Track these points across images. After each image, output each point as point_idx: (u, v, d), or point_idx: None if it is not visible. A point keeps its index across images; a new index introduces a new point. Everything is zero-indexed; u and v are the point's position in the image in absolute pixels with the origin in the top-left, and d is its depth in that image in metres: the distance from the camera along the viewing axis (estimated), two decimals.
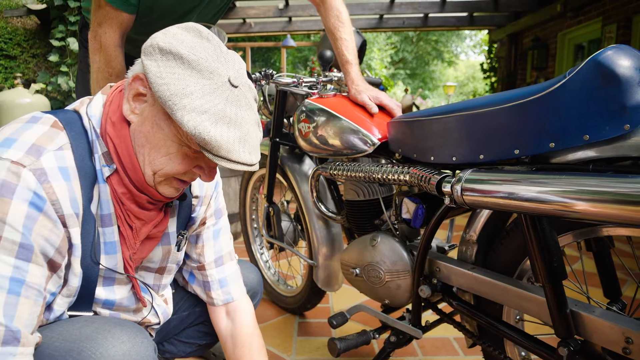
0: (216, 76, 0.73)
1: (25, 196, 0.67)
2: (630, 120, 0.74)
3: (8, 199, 0.66)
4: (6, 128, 0.73)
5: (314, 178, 1.50)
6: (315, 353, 1.68)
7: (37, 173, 0.69)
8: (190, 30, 0.76)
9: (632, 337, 0.79)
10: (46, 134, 0.74)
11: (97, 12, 1.25)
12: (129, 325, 0.77)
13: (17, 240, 0.66)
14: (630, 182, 0.67)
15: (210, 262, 1.05)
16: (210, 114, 0.71)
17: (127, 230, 0.84)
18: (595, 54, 0.77)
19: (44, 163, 0.70)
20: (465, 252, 1.14)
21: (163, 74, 0.71)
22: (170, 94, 0.70)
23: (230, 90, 0.75)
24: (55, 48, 4.81)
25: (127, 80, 0.78)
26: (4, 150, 0.68)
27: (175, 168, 0.78)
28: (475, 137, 0.95)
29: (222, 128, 0.72)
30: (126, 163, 0.78)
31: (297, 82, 1.59)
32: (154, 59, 0.72)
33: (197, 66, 0.72)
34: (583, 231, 0.94)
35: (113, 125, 0.78)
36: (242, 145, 0.75)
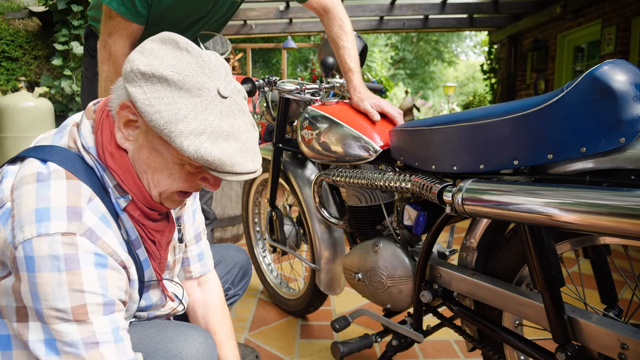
0: (205, 92, 0.72)
1: (90, 260, 0.69)
2: (626, 134, 0.76)
3: (77, 270, 0.68)
4: (23, 197, 0.69)
5: (317, 184, 1.53)
6: (318, 355, 1.71)
7: (88, 235, 0.70)
8: (167, 43, 0.74)
9: (628, 343, 0.82)
10: (70, 191, 0.72)
11: (108, 22, 1.27)
12: (199, 329, 0.85)
13: (100, 301, 0.70)
14: (626, 196, 0.69)
15: (190, 239, 1.08)
16: (208, 134, 0.71)
17: (151, 245, 0.87)
18: (592, 68, 0.79)
19: (88, 222, 0.71)
20: (466, 258, 1.17)
21: (152, 101, 0.69)
22: (165, 122, 0.69)
23: (222, 103, 0.74)
24: (59, 52, 4.84)
25: (114, 108, 0.77)
26: (46, 224, 0.67)
27: (181, 186, 0.79)
28: (476, 148, 0.97)
29: (222, 145, 0.72)
30: (134, 190, 0.79)
31: (300, 89, 1.61)
32: (138, 85, 0.70)
33: (184, 85, 0.70)
34: (580, 239, 0.96)
35: (112, 156, 0.77)
36: (244, 156, 0.75)
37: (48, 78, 4.94)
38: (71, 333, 0.68)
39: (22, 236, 0.66)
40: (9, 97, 4.25)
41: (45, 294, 0.66)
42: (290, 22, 7.21)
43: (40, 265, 0.66)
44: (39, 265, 0.66)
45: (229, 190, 3.23)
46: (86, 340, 0.68)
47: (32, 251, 0.66)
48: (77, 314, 0.67)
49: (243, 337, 1.86)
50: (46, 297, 0.66)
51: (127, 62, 0.73)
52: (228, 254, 1.28)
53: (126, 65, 0.72)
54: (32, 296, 0.67)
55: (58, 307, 0.66)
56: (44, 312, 0.67)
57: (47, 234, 0.66)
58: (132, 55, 0.73)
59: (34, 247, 0.66)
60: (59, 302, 0.66)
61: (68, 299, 0.67)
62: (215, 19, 1.53)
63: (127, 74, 0.71)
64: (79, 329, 0.68)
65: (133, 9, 1.26)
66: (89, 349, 0.69)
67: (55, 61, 4.77)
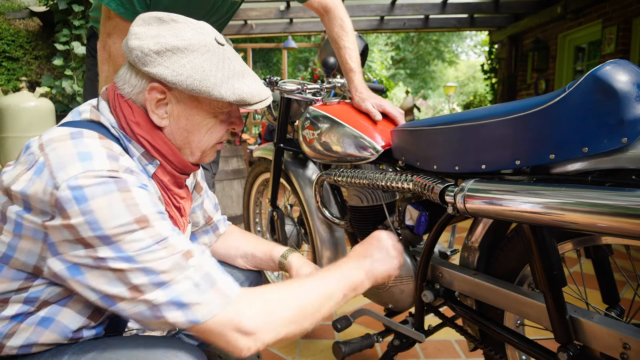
0: (209, 46, 0.82)
1: (136, 184, 0.74)
2: (628, 134, 0.76)
3: (127, 189, 0.72)
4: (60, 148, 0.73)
5: (318, 184, 1.53)
6: (319, 356, 1.71)
7: (128, 171, 0.75)
8: (153, 22, 0.82)
9: (630, 343, 0.82)
10: (104, 144, 0.76)
11: (107, 23, 1.28)
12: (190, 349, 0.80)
13: (154, 210, 0.75)
14: (628, 196, 0.69)
15: (212, 211, 1.20)
16: (232, 77, 0.83)
17: (175, 212, 0.93)
18: (594, 69, 0.79)
19: (125, 164, 0.76)
20: (468, 258, 1.17)
21: (179, 71, 0.78)
22: (199, 83, 0.79)
23: (224, 50, 0.85)
24: (60, 52, 4.84)
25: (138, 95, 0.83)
26: (90, 162, 0.71)
27: (218, 135, 0.91)
28: (478, 148, 0.97)
29: (244, 82, 0.84)
30: (168, 154, 0.86)
31: (301, 89, 1.61)
32: (157, 63, 0.78)
33: (192, 47, 0.80)
34: (582, 239, 0.96)
35: (139, 125, 0.83)
36: (260, 84, 0.89)
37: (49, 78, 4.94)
38: (142, 239, 0.71)
39: (66, 174, 0.69)
40: (10, 97, 4.26)
41: (104, 217, 0.69)
42: (291, 22, 7.21)
43: (92, 193, 0.69)
44: (90, 194, 0.69)
45: (230, 190, 3.23)
46: (156, 239, 0.73)
47: (79, 185, 0.68)
48: (140, 222, 0.71)
49: None
50: (106, 220, 0.69)
51: (131, 50, 0.79)
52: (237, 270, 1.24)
53: (131, 53, 0.79)
54: (91, 225, 0.68)
55: (121, 222, 0.70)
56: (107, 233, 0.69)
57: (92, 170, 0.70)
58: (132, 43, 0.79)
59: (80, 182, 0.69)
60: (120, 218, 0.70)
61: (128, 213, 0.70)
62: (214, 20, 1.53)
63: (139, 58, 0.78)
64: (146, 234, 0.72)
65: (132, 9, 1.26)
66: (161, 245, 0.73)
67: (56, 61, 4.77)
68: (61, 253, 0.71)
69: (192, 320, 0.73)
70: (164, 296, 0.72)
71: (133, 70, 0.83)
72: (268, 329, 0.78)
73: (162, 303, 0.72)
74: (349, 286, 0.94)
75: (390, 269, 1.03)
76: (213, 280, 0.76)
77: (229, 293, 0.77)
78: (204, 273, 0.76)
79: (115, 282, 0.71)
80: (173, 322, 0.73)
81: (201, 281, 0.74)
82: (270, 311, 0.79)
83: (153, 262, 0.71)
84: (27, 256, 0.73)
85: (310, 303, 0.85)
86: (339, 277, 0.94)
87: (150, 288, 0.71)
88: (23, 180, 0.71)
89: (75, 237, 0.69)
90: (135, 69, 0.82)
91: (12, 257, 0.74)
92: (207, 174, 1.82)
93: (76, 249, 0.70)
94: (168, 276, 0.72)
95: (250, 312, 0.77)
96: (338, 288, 0.92)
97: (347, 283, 0.94)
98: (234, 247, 1.22)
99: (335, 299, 0.91)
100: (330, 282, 0.92)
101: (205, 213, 1.19)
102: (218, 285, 0.76)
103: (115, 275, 0.71)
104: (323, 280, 0.92)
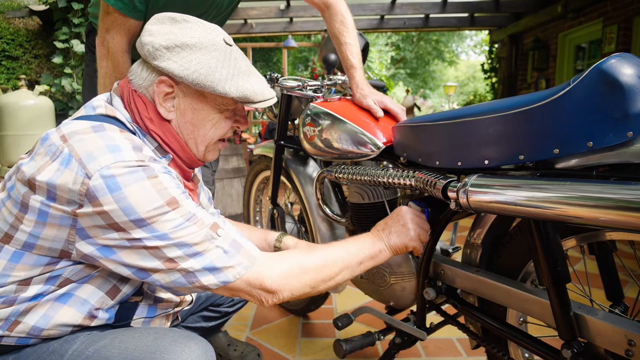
0: (218, 45, 0.87)
1: (162, 170, 0.80)
2: (633, 128, 0.75)
3: (155, 174, 0.77)
4: (86, 140, 0.76)
5: (319, 181, 1.52)
6: (320, 354, 1.70)
7: (152, 160, 0.80)
8: (165, 21, 0.86)
9: (635, 340, 0.81)
10: (127, 137, 0.81)
11: (105, 18, 1.27)
12: (199, 339, 0.85)
13: (180, 192, 0.80)
14: (633, 189, 0.68)
15: (206, 204, 1.21)
16: (237, 75, 0.87)
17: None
18: (599, 62, 0.78)
19: (148, 153, 0.81)
20: (470, 255, 1.16)
21: (186, 65, 0.83)
22: (205, 77, 0.83)
23: (232, 50, 0.90)
24: (59, 50, 4.83)
25: (147, 89, 0.88)
26: (120, 154, 0.76)
27: (223, 131, 0.94)
28: (481, 143, 0.96)
29: (249, 80, 0.89)
30: (177, 149, 0.91)
31: (302, 86, 1.60)
32: (166, 58, 0.83)
33: (201, 45, 0.84)
34: (586, 235, 0.95)
35: (152, 121, 0.88)
36: (264, 85, 0.93)
37: (48, 76, 4.93)
38: (174, 219, 0.77)
39: (98, 164, 0.73)
40: (10, 95, 4.25)
41: (138, 202, 0.74)
42: (291, 21, 7.20)
43: (124, 181, 0.74)
44: (122, 182, 0.73)
45: (230, 189, 3.22)
46: (186, 217, 0.79)
47: (112, 174, 0.73)
48: (171, 204, 0.77)
49: (245, 336, 1.86)
50: (141, 204, 0.74)
51: (143, 45, 0.84)
52: None
53: (143, 49, 0.84)
54: (126, 211, 0.73)
55: (155, 206, 0.75)
56: (143, 216, 0.75)
57: (123, 160, 0.75)
58: (145, 39, 0.84)
59: (112, 172, 0.73)
60: (153, 202, 0.75)
61: (159, 197, 0.76)
62: (214, 16, 1.52)
63: (150, 53, 0.83)
64: (178, 213, 0.78)
65: (130, 5, 1.25)
66: (192, 221, 0.79)
67: (56, 59, 4.76)
68: (92, 237, 0.76)
69: (223, 281, 0.82)
70: (198, 264, 0.79)
71: (144, 64, 0.88)
72: (287, 288, 0.87)
73: (197, 270, 0.79)
74: (367, 254, 1.00)
75: (407, 240, 1.05)
76: (239, 245, 0.84)
77: (255, 254, 0.85)
78: (231, 240, 0.84)
79: (149, 257, 0.77)
80: (207, 285, 0.81)
81: (229, 248, 0.82)
82: (291, 273, 0.87)
83: (186, 236, 0.78)
84: (52, 242, 0.77)
85: (328, 268, 0.92)
86: (357, 246, 1.00)
87: (184, 259, 0.78)
88: (49, 170, 0.74)
89: (108, 223, 0.74)
90: (146, 63, 0.88)
91: (35, 244, 0.78)
92: (207, 171, 1.81)
93: (109, 233, 0.75)
94: (201, 247, 0.79)
95: (272, 273, 0.85)
96: (356, 256, 0.98)
97: (365, 252, 1.00)
98: None
99: (353, 267, 0.97)
100: (349, 250, 0.98)
101: (200, 205, 1.19)
102: (244, 248, 0.84)
103: (150, 252, 0.77)
104: (342, 248, 0.98)
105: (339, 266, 0.94)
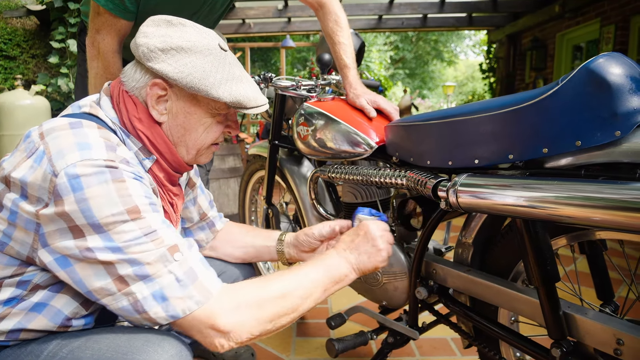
0: (212, 50, 0.86)
1: (131, 175, 0.77)
2: (621, 127, 0.75)
3: (122, 179, 0.74)
4: (60, 137, 0.75)
5: (313, 180, 1.52)
6: (314, 353, 1.70)
7: (125, 162, 0.78)
8: (161, 24, 0.85)
9: (623, 339, 0.81)
10: (103, 135, 0.79)
11: (96, 19, 1.26)
12: (173, 339, 0.80)
13: (147, 202, 0.77)
14: (621, 188, 0.69)
15: (207, 208, 1.21)
16: (231, 80, 0.86)
17: (169, 207, 0.95)
18: (588, 61, 0.78)
19: (122, 154, 0.78)
20: (462, 254, 1.16)
21: (180, 68, 0.82)
22: (198, 80, 0.82)
23: (226, 55, 0.89)
24: (55, 50, 4.82)
25: (140, 91, 0.86)
26: (89, 152, 0.73)
27: (214, 136, 0.93)
28: (471, 142, 0.96)
29: (243, 86, 0.88)
30: (164, 151, 0.89)
31: (295, 86, 1.60)
32: (161, 60, 0.82)
33: (196, 49, 0.84)
34: (576, 234, 0.95)
35: (140, 121, 0.86)
36: (257, 91, 0.92)
37: (45, 76, 4.92)
38: (132, 230, 0.73)
39: (65, 162, 0.71)
40: (6, 95, 4.24)
41: (98, 205, 0.71)
42: (289, 21, 7.20)
43: (87, 182, 0.71)
44: (86, 182, 0.71)
45: (227, 189, 3.22)
46: (145, 230, 0.75)
47: (76, 174, 0.71)
48: (131, 213, 0.74)
49: None
50: (100, 208, 0.71)
51: (138, 46, 0.83)
52: (232, 266, 1.24)
53: (138, 50, 0.83)
54: (85, 213, 0.71)
55: (113, 212, 0.72)
56: (101, 221, 0.71)
57: (90, 158, 0.73)
58: (140, 40, 0.83)
59: (78, 170, 0.71)
60: (113, 207, 0.72)
61: (120, 203, 0.73)
62: (206, 15, 1.52)
63: (145, 54, 0.82)
64: (137, 225, 0.74)
65: (121, 5, 1.25)
66: (150, 237, 0.75)
67: (52, 59, 4.76)
68: (50, 244, 0.73)
69: (172, 315, 0.75)
70: (147, 289, 0.73)
71: (138, 66, 0.87)
72: (243, 329, 0.78)
73: (145, 297, 0.73)
74: (332, 280, 0.93)
75: (377, 262, 0.99)
76: (195, 276, 0.77)
77: (210, 289, 0.78)
78: (187, 268, 0.77)
79: (102, 273, 0.73)
80: (154, 317, 0.75)
81: (183, 276, 0.76)
82: (247, 312, 0.79)
83: (140, 253, 0.73)
84: (20, 246, 0.75)
85: (290, 301, 0.84)
86: (322, 273, 0.92)
87: (134, 280, 0.73)
88: (23, 167, 0.73)
89: (68, 225, 0.71)
90: (140, 65, 0.86)
91: (7, 244, 0.76)
92: (201, 170, 1.81)
93: (66, 239, 0.72)
94: (152, 268, 0.74)
95: (227, 312, 0.77)
96: (320, 284, 0.90)
97: (330, 277, 0.93)
98: (232, 241, 1.23)
99: (316, 295, 0.89)
100: (313, 278, 0.90)
101: (199, 209, 1.19)
102: (199, 280, 0.77)
103: (103, 267, 0.73)
104: (305, 277, 0.89)
105: (300, 295, 0.86)
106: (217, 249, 1.23)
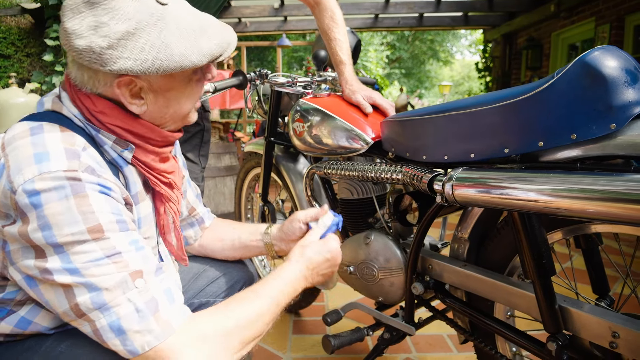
0: (157, 14, 0.73)
1: (94, 188, 0.70)
2: (617, 120, 0.75)
3: (84, 193, 0.68)
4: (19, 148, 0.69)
5: (309, 177, 1.52)
6: (310, 350, 1.70)
7: (89, 171, 0.70)
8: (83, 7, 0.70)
9: (619, 332, 0.81)
10: (65, 139, 0.71)
11: None
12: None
13: (113, 219, 0.70)
14: (616, 180, 0.69)
15: (195, 201, 1.17)
16: (193, 39, 0.76)
17: (166, 189, 0.89)
18: (583, 54, 0.78)
19: (87, 161, 0.71)
20: (458, 249, 1.16)
21: (141, 57, 0.71)
22: (167, 61, 0.73)
23: (171, 9, 0.76)
24: (50, 47, 4.79)
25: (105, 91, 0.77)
26: (47, 164, 0.67)
27: (197, 95, 0.87)
28: (466, 137, 0.96)
29: (208, 37, 0.79)
30: (143, 132, 0.81)
31: (291, 82, 1.60)
32: (116, 58, 0.70)
33: (141, 24, 0.71)
34: (572, 228, 0.95)
35: (104, 114, 0.77)
36: (220, 29, 0.83)
37: (40, 74, 4.90)
38: (92, 251, 0.68)
39: (22, 178, 0.66)
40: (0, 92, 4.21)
41: (57, 222, 0.66)
42: (285, 20, 7.19)
43: (46, 198, 0.65)
44: (45, 198, 0.65)
45: (223, 187, 3.21)
46: (108, 252, 0.69)
47: (34, 189, 0.65)
48: (93, 232, 0.68)
49: None
50: (59, 226, 0.66)
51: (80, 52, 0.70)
52: (231, 268, 1.21)
53: (84, 55, 0.70)
54: (44, 231, 0.65)
55: (73, 231, 0.66)
56: (59, 241, 0.66)
57: (49, 171, 0.66)
58: (77, 43, 0.69)
59: (36, 186, 0.65)
60: (72, 226, 0.66)
61: (81, 221, 0.67)
62: None
63: (94, 60, 0.70)
64: (98, 245, 0.68)
65: None
66: (112, 259, 0.69)
67: (47, 57, 4.73)
68: (15, 262, 0.69)
69: (130, 351, 0.69)
70: (103, 319, 0.68)
71: (90, 71, 0.75)
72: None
73: (102, 326, 0.68)
74: (290, 295, 0.94)
75: (327, 280, 1.08)
76: (156, 307, 0.71)
77: (171, 323, 0.72)
78: (149, 298, 0.71)
79: (61, 297, 0.68)
80: (115, 350, 0.69)
81: (143, 306, 0.70)
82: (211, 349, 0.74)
83: (99, 277, 0.67)
84: None
85: (254, 329, 0.82)
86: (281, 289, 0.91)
87: (89, 309, 0.68)
88: None
89: (30, 244, 0.67)
90: (92, 70, 0.74)
91: None
92: (196, 168, 1.80)
93: (27, 258, 0.67)
94: (110, 295, 0.68)
95: (190, 348, 0.72)
96: (281, 301, 0.90)
97: (288, 294, 0.93)
98: (219, 237, 1.21)
99: (277, 313, 0.90)
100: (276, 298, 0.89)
101: (188, 203, 1.16)
102: (161, 313, 0.71)
103: (62, 290, 0.68)
104: (271, 300, 0.88)
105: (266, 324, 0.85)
106: (205, 246, 1.21)
